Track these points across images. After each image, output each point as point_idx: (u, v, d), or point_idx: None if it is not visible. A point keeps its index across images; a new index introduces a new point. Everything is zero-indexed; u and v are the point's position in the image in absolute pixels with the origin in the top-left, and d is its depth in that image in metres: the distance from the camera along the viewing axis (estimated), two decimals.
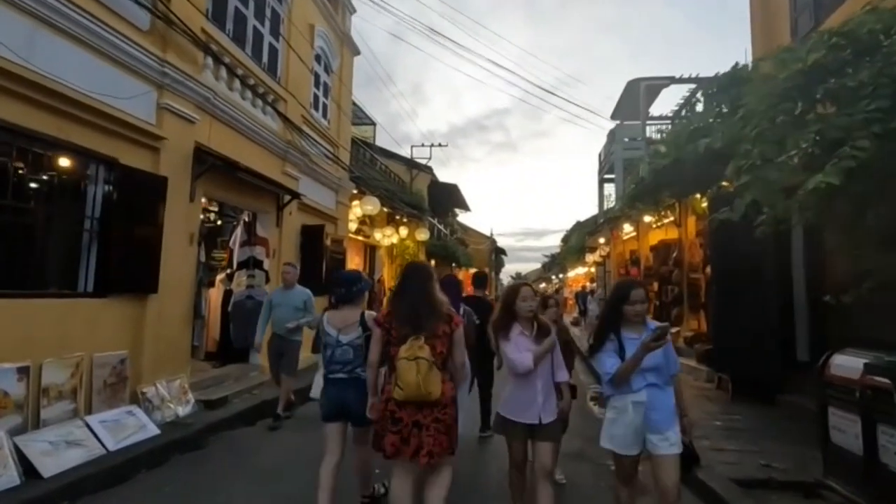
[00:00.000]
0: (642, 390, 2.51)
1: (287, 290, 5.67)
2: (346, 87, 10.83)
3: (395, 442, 2.52)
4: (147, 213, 4.96)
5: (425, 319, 2.57)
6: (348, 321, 3.10)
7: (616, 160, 23.07)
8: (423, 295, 2.65)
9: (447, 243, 19.41)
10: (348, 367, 3.04)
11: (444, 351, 2.59)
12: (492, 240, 36.09)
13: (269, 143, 7.37)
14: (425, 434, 2.50)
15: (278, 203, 7.69)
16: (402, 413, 2.52)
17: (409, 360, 2.45)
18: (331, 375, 3.10)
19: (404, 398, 2.48)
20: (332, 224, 9.92)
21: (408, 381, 2.43)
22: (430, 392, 2.46)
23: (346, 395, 3.02)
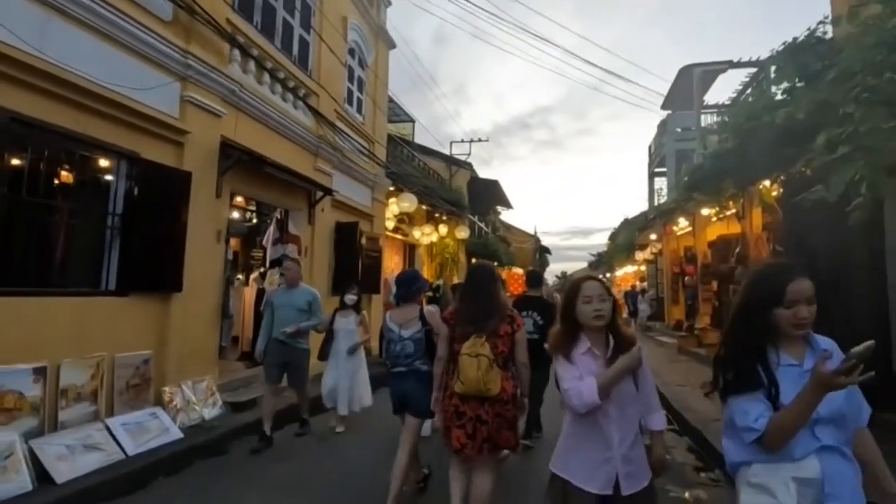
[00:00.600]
0: (811, 457, 1.44)
1: (290, 289, 4.98)
2: (382, 81, 10.58)
3: (461, 437, 2.63)
4: (171, 210, 4.81)
5: (487, 319, 2.67)
6: (408, 317, 3.34)
7: (667, 152, 21.81)
8: (487, 295, 2.75)
9: (488, 241, 18.90)
10: (408, 360, 3.25)
11: (505, 350, 2.67)
12: (535, 238, 35.19)
13: (300, 139, 7.18)
14: (494, 432, 2.62)
15: (310, 200, 7.50)
16: (466, 407, 2.63)
17: (471, 357, 2.57)
18: (394, 369, 3.32)
19: (464, 392, 2.60)
20: (367, 222, 9.68)
21: (468, 377, 2.56)
22: (490, 388, 2.56)
23: (405, 387, 3.24)
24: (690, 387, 7.18)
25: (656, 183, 25.20)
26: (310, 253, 7.52)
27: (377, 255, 9.81)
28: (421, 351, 3.25)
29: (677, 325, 13.61)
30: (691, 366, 9.35)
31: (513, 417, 2.70)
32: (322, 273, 7.87)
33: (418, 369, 3.23)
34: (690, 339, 10.98)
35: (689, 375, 8.21)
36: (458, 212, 15.42)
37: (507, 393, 2.65)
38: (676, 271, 13.83)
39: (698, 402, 6.13)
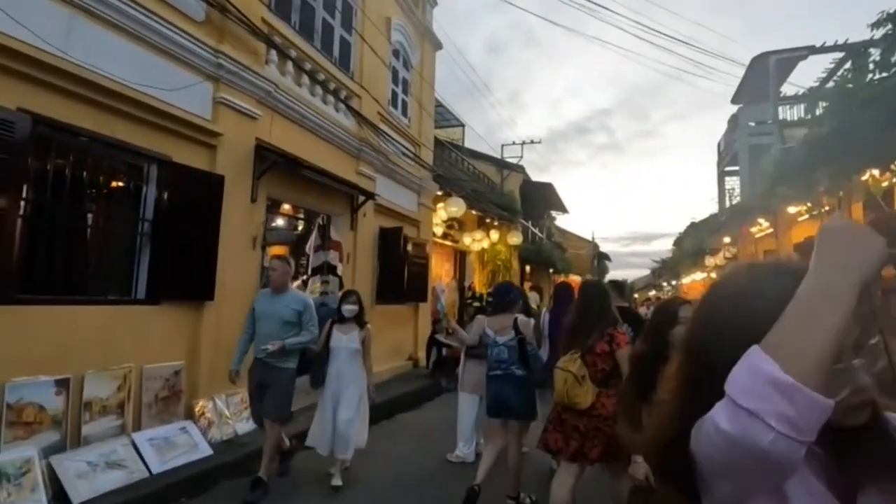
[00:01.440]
0: None
1: (275, 294, 3.96)
2: (428, 83, 10.27)
3: (558, 440, 2.81)
4: (203, 215, 4.64)
5: (583, 334, 2.80)
6: (504, 325, 3.65)
7: (740, 148, 20.06)
8: (588, 311, 2.89)
9: (542, 247, 18.10)
10: (503, 365, 3.51)
11: (606, 368, 2.74)
12: (593, 244, 33.73)
13: (341, 141, 6.95)
14: (588, 442, 2.70)
15: (352, 204, 7.24)
16: (566, 416, 2.81)
17: (562, 371, 2.73)
18: (490, 373, 3.61)
19: (557, 402, 2.82)
20: (413, 227, 9.34)
21: (557, 389, 2.76)
22: (577, 402, 2.69)
23: (502, 391, 3.48)
24: None
25: (727, 183, 23.27)
26: (352, 260, 7.25)
27: (424, 261, 9.43)
28: (514, 357, 3.50)
29: None
30: None
31: (611, 433, 2.66)
32: (365, 281, 7.58)
33: (514, 373, 3.48)
34: None
35: None
36: (509, 217, 14.81)
37: (607, 409, 2.69)
38: None
39: None
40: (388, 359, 8.24)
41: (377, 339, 8.05)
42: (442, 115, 15.70)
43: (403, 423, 6.16)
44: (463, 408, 4.66)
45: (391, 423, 6.13)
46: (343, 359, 4.14)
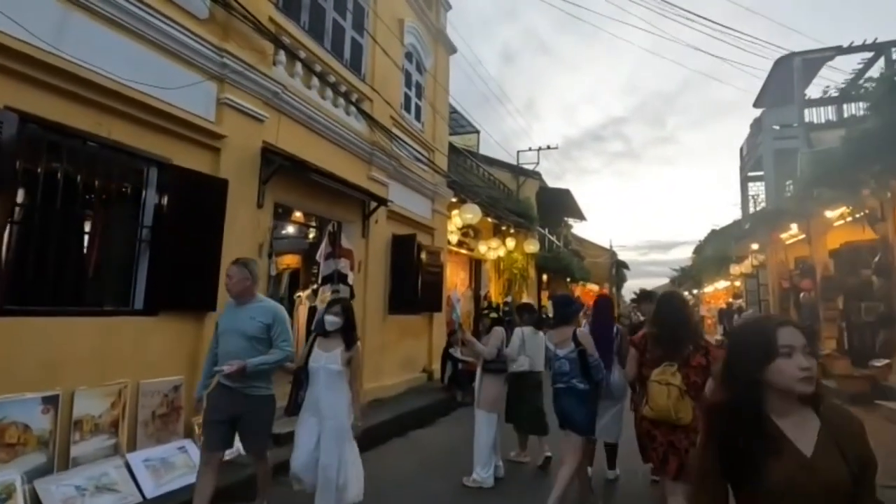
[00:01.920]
0: None
1: (238, 305, 3.28)
2: (442, 87, 10.04)
3: (654, 457, 2.73)
4: (205, 221, 4.40)
5: (678, 347, 2.72)
6: (564, 337, 3.61)
7: (764, 152, 19.43)
8: (678, 324, 2.80)
9: (560, 255, 17.66)
10: (565, 378, 3.50)
11: (699, 381, 2.66)
12: (611, 252, 33.07)
13: (352, 146, 6.71)
14: (685, 455, 2.59)
15: (364, 211, 6.98)
16: (657, 432, 2.71)
17: (661, 385, 2.63)
18: (555, 385, 3.60)
19: (654, 417, 2.68)
20: (427, 235, 9.06)
21: (658, 404, 2.62)
22: (680, 418, 2.59)
23: (564, 404, 3.48)
24: None
25: (751, 188, 22.58)
26: (364, 268, 6.98)
27: (438, 270, 9.13)
28: (576, 370, 3.47)
29: None
30: None
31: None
32: (377, 290, 7.30)
33: (575, 387, 3.46)
34: None
35: None
36: (526, 224, 14.45)
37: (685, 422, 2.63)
38: (786, 286, 11.86)
39: None
40: (401, 371, 7.93)
41: (389, 350, 7.82)
42: (457, 122, 15.49)
43: (416, 442, 5.81)
44: (480, 427, 4.31)
45: (404, 441, 5.79)
46: (321, 383, 3.29)
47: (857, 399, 7.18)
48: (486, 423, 4.28)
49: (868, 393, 7.17)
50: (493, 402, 4.31)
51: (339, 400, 3.33)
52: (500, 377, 4.39)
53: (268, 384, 3.31)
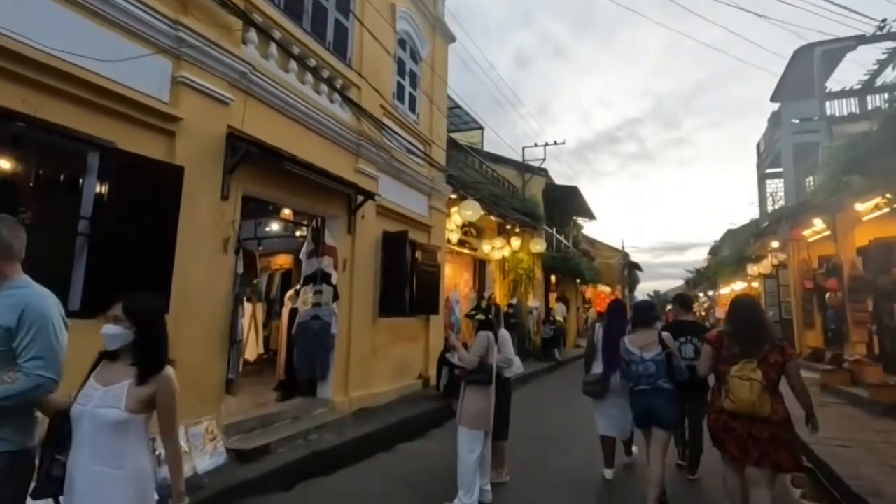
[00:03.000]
0: None
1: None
2: (441, 78, 9.53)
3: (734, 449, 2.91)
4: (157, 212, 3.95)
5: (756, 345, 2.94)
6: (648, 341, 3.78)
7: (783, 147, 18.63)
8: (755, 323, 3.06)
9: (568, 255, 17.03)
10: (651, 379, 3.66)
11: (774, 377, 2.88)
12: (623, 253, 32.24)
13: (336, 135, 6.24)
14: (770, 449, 2.80)
15: (350, 206, 6.50)
16: (735, 423, 2.90)
17: (743, 380, 2.84)
18: (636, 388, 3.74)
19: (735, 410, 2.86)
20: (423, 232, 8.55)
21: (741, 398, 2.82)
22: (761, 411, 2.79)
23: (652, 403, 3.64)
24: (862, 448, 5.04)
25: (769, 186, 21.72)
26: (349, 267, 6.49)
27: (435, 270, 8.61)
28: (662, 371, 3.65)
29: (813, 354, 10.86)
30: (848, 413, 6.96)
31: (789, 439, 2.85)
32: (365, 291, 6.81)
33: (661, 387, 3.64)
34: (840, 375, 8.44)
35: (851, 428, 5.96)
36: (532, 223, 13.88)
37: (779, 415, 2.83)
38: (809, 287, 11.12)
39: (882, 476, 4.08)
40: (393, 378, 7.42)
41: (380, 356, 7.30)
42: (460, 118, 15.00)
43: (403, 456, 5.29)
44: (462, 447, 3.78)
45: (389, 455, 5.28)
46: (85, 442, 1.87)
47: (893, 410, 6.50)
48: (469, 441, 3.75)
49: None
50: (476, 417, 3.78)
51: (114, 478, 1.84)
52: (485, 389, 3.85)
53: (13, 434, 1.91)
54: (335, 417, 5.76)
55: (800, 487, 4.46)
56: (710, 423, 3.10)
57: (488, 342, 3.89)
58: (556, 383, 10.85)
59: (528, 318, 13.64)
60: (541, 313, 14.21)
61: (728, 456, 2.98)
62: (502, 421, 4.29)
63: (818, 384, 8.83)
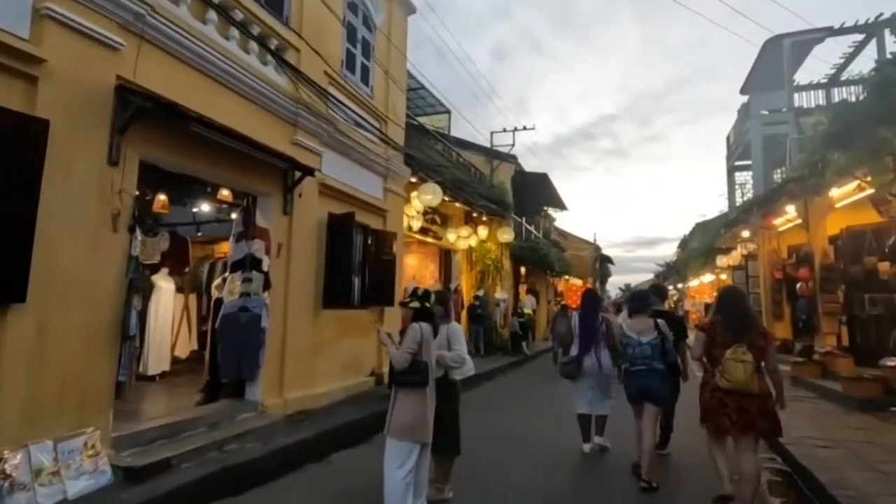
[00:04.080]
0: None
1: None
2: (399, 51, 8.79)
3: (726, 422, 3.29)
4: (7, 176, 3.14)
5: (747, 332, 3.34)
6: (644, 326, 4.25)
7: (753, 138, 18.56)
8: (745, 312, 3.51)
9: (537, 245, 16.55)
10: (647, 360, 4.11)
11: (760, 359, 3.28)
12: (595, 246, 32.15)
13: (268, 102, 5.47)
14: (757, 419, 3.24)
15: (286, 182, 5.74)
16: (729, 399, 3.29)
17: (737, 362, 3.22)
18: (633, 368, 4.20)
19: (731, 388, 3.25)
20: (377, 217, 7.85)
21: (736, 377, 3.21)
22: (752, 388, 3.20)
23: (647, 382, 4.10)
24: (843, 449, 4.61)
25: (737, 178, 21.75)
26: (286, 252, 5.74)
27: (391, 257, 7.92)
28: (657, 353, 4.11)
29: (783, 346, 10.63)
30: (822, 408, 6.62)
31: (773, 411, 3.31)
32: (305, 279, 6.07)
33: (656, 368, 4.10)
34: (810, 367, 8.16)
35: (827, 425, 5.57)
36: (500, 211, 13.31)
37: (765, 391, 3.28)
38: (779, 277, 10.89)
39: (872, 484, 3.61)
40: (341, 376, 6.72)
41: (324, 351, 6.48)
42: (425, 100, 14.28)
43: (337, 468, 4.60)
44: (389, 461, 3.14)
45: (321, 467, 4.58)
46: None
47: (868, 405, 6.17)
48: (397, 455, 3.11)
49: (881, 398, 6.15)
50: (407, 426, 3.14)
51: None
52: (419, 393, 3.21)
53: None
54: (264, 423, 5.04)
55: (779, 497, 3.99)
56: (705, 400, 3.48)
57: (421, 336, 3.24)
58: (522, 378, 10.34)
59: (496, 311, 13.09)
60: (508, 305, 13.68)
61: (722, 428, 3.34)
62: (450, 431, 3.67)
63: (788, 377, 8.54)
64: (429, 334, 3.30)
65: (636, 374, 4.14)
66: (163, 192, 6.88)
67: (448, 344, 3.72)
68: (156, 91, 4.01)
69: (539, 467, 4.57)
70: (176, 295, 7.14)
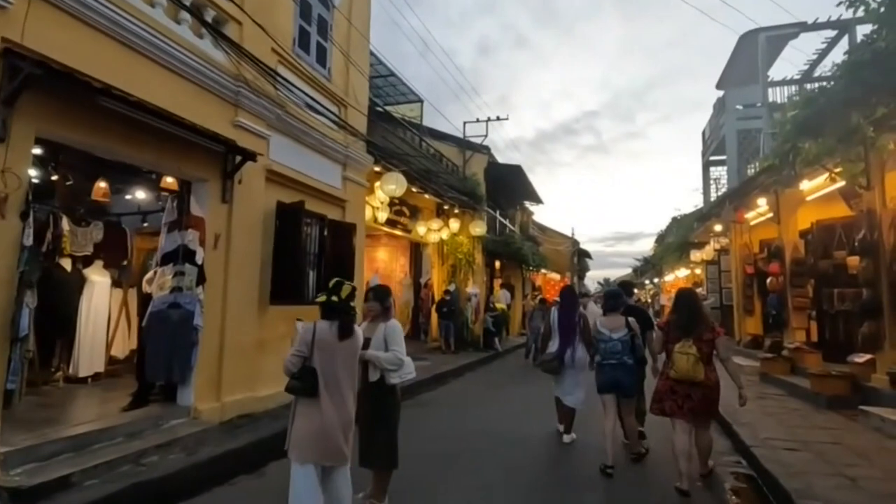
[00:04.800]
0: None
1: None
2: (361, 33, 8.33)
3: (673, 406, 3.81)
4: None
5: (693, 327, 3.81)
6: (616, 324, 4.46)
7: (727, 133, 18.57)
8: (692, 311, 3.93)
9: (511, 239, 16.27)
10: (617, 356, 4.35)
11: (708, 351, 3.77)
12: (573, 240, 32.11)
13: (203, 79, 4.99)
14: (696, 402, 3.74)
15: (225, 167, 5.27)
16: (678, 387, 3.79)
17: (682, 354, 3.72)
18: (605, 362, 4.41)
19: (677, 377, 3.76)
20: (335, 207, 7.43)
21: (680, 367, 3.71)
22: (696, 376, 3.67)
23: (616, 375, 4.33)
24: (810, 452, 4.38)
25: (713, 172, 21.83)
26: (225, 243, 5.28)
27: (349, 250, 7.50)
28: (627, 349, 4.36)
29: (753, 341, 10.57)
30: (790, 405, 6.45)
31: (716, 398, 3.83)
32: (249, 273, 5.62)
33: (625, 362, 4.35)
34: (779, 363, 8.03)
35: (794, 424, 5.37)
36: (472, 203, 12.96)
37: (711, 380, 3.76)
38: (750, 272, 10.80)
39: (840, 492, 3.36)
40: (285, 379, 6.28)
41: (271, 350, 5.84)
42: (397, 89, 13.81)
43: (269, 482, 4.09)
44: (291, 487, 2.77)
45: (253, 480, 4.15)
46: None
47: (835, 403, 6.02)
48: (293, 478, 2.75)
49: (849, 396, 6.00)
50: (298, 444, 2.77)
51: None
52: (313, 405, 2.81)
53: None
54: (194, 430, 4.60)
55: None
56: (659, 387, 3.95)
57: (314, 336, 2.85)
58: (490, 376, 10.03)
59: (467, 306, 12.76)
60: (480, 300, 13.37)
61: (668, 411, 3.83)
62: (383, 442, 3.31)
63: (757, 373, 8.43)
64: (327, 334, 2.90)
65: (608, 368, 4.38)
66: (103, 180, 6.39)
67: (385, 344, 3.34)
68: (56, 59, 3.52)
69: (486, 477, 4.24)
70: (114, 290, 6.59)
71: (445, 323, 11.80)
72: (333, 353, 2.91)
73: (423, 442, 5.00)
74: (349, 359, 3.00)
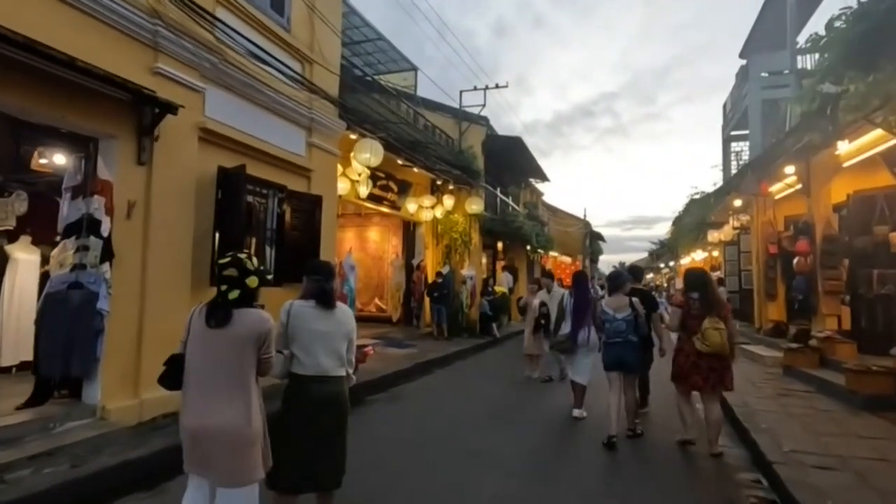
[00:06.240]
0: None
1: None
2: None
3: (699, 381, 4.09)
4: None
5: (716, 307, 4.14)
6: (620, 304, 4.67)
7: (751, 103, 17.12)
8: (712, 292, 4.29)
9: (512, 218, 15.27)
10: (622, 334, 4.56)
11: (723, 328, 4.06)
12: (585, 222, 30.89)
13: (112, 16, 4.14)
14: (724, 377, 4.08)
15: (141, 123, 4.44)
16: (701, 362, 4.07)
17: (714, 330, 3.97)
18: (609, 340, 4.64)
19: (710, 352, 4.00)
20: (298, 177, 6.60)
21: (714, 342, 3.96)
22: (725, 350, 4.01)
23: (621, 353, 4.55)
24: (849, 472, 3.45)
25: (734, 147, 20.39)
26: (143, 212, 4.48)
27: (315, 225, 6.68)
28: (631, 328, 4.56)
29: (775, 329, 9.52)
30: (820, 406, 5.46)
31: (731, 369, 4.14)
32: (175, 249, 4.82)
33: (630, 340, 4.56)
34: (806, 355, 7.02)
35: (827, 432, 4.40)
36: (467, 179, 12.01)
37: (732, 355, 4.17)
38: (773, 252, 9.69)
39: None
40: None
41: None
42: (387, 55, 12.80)
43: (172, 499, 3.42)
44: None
45: (150, 499, 3.41)
46: None
47: (875, 404, 5.05)
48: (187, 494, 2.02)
49: (892, 395, 5.03)
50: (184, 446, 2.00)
51: None
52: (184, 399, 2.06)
53: None
54: (95, 434, 3.87)
55: None
56: (680, 362, 4.25)
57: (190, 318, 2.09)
58: (480, 366, 9.18)
59: (462, 289, 11.91)
60: (477, 283, 12.50)
61: (695, 385, 4.13)
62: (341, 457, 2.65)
63: (780, 365, 7.44)
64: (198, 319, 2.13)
65: (612, 346, 4.60)
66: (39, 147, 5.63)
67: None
68: None
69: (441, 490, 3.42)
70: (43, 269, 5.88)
71: (437, 307, 10.98)
72: (205, 342, 2.18)
73: (366, 451, 4.20)
74: (230, 350, 2.20)
